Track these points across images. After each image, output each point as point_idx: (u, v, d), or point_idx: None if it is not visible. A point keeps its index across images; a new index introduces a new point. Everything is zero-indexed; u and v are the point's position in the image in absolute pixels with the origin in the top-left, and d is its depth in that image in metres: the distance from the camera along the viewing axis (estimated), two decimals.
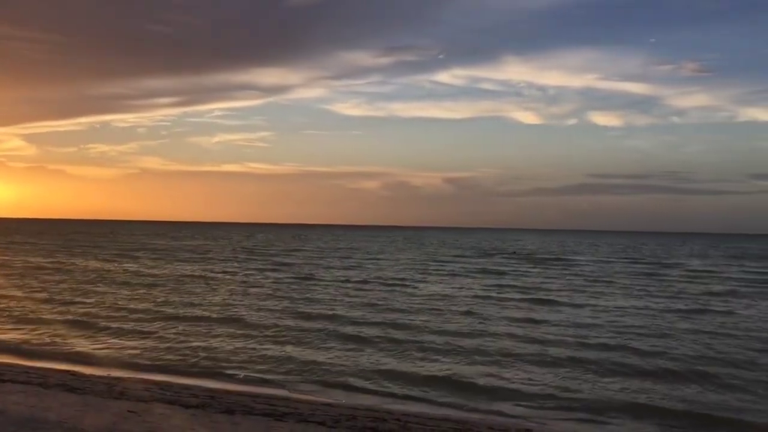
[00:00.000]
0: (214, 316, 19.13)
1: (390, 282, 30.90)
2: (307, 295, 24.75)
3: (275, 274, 34.06)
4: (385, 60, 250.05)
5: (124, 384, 10.57)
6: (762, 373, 13.13)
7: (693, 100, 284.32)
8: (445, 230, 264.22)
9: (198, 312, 19.86)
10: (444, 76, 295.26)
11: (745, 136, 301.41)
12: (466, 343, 15.56)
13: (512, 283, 32.36)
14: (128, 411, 8.26)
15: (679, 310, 22.52)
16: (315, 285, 28.82)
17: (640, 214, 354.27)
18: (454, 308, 21.80)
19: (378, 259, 50.18)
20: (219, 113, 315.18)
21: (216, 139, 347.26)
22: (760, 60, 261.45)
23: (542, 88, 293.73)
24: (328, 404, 10.16)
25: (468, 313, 20.80)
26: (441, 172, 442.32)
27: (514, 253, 68.41)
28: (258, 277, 32.69)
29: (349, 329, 17.21)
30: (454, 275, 36.36)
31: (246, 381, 11.93)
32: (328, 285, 28.85)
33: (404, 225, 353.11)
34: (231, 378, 12.15)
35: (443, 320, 19.20)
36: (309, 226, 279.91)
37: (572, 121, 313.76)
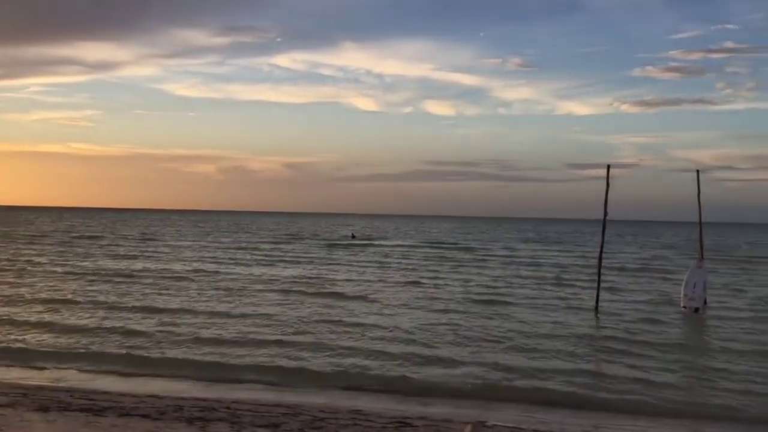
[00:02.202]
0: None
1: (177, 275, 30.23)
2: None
3: None
4: (222, 40, 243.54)
5: None
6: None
7: (518, 92, 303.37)
8: (284, 215, 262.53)
9: None
10: (283, 60, 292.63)
11: (564, 128, 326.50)
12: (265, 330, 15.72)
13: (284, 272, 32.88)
14: None
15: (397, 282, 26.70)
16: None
17: (470, 199, 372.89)
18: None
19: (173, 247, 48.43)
20: (37, 89, 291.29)
21: (34, 116, 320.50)
22: (576, 57, 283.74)
23: (379, 76, 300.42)
24: (154, 396, 9.78)
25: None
26: (280, 156, 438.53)
27: (354, 236, 69.67)
28: None
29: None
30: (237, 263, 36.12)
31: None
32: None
33: (242, 210, 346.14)
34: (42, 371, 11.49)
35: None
36: (140, 211, 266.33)
37: (408, 109, 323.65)
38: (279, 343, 13.97)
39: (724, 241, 78.61)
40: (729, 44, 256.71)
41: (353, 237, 69.05)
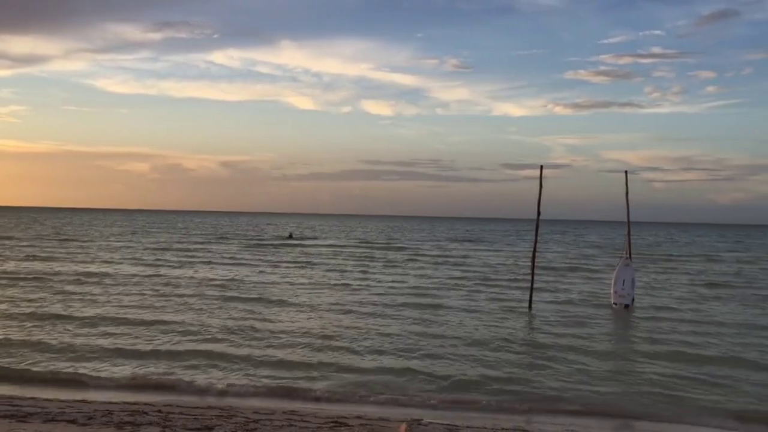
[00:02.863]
0: None
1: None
2: None
3: None
4: (156, 35, 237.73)
5: None
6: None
7: (455, 93, 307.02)
8: (221, 214, 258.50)
9: None
10: (219, 57, 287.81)
11: (499, 128, 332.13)
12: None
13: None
14: None
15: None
16: None
17: (408, 199, 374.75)
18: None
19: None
20: None
21: None
22: (511, 60, 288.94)
23: (318, 75, 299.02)
24: (82, 401, 9.47)
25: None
26: (216, 155, 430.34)
27: (291, 236, 69.11)
28: None
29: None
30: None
31: None
32: None
33: (178, 209, 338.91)
34: None
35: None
36: (68, 210, 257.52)
37: (347, 109, 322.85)
38: (156, 354, 12.83)
39: (652, 239, 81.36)
40: (656, 50, 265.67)
41: (291, 237, 68.54)
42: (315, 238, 69.13)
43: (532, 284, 20.74)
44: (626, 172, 21.50)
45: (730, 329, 17.09)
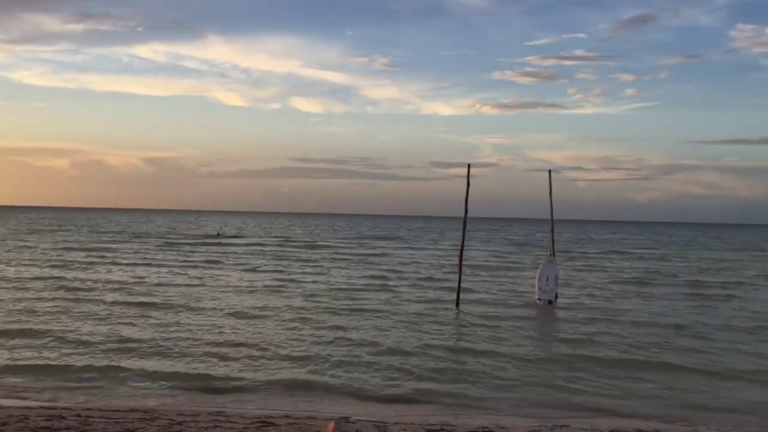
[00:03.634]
0: None
1: None
2: None
3: None
4: (76, 27, 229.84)
5: None
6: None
7: (384, 92, 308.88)
8: (145, 212, 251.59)
9: None
10: (143, 51, 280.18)
11: (428, 127, 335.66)
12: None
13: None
14: None
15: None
16: None
17: (338, 197, 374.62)
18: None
19: None
20: None
21: None
22: (440, 59, 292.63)
23: (246, 71, 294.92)
24: None
25: None
26: (140, 151, 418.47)
27: (219, 235, 67.90)
28: None
29: None
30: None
31: None
32: None
33: (99, 207, 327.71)
34: None
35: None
36: None
37: (276, 106, 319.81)
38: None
39: (573, 236, 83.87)
40: (579, 52, 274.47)
41: (219, 235, 67.32)
42: (241, 236, 68.02)
43: (459, 282, 21.01)
44: (550, 171, 22.05)
45: (645, 328, 17.73)
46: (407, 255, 44.61)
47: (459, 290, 20.83)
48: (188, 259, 36.63)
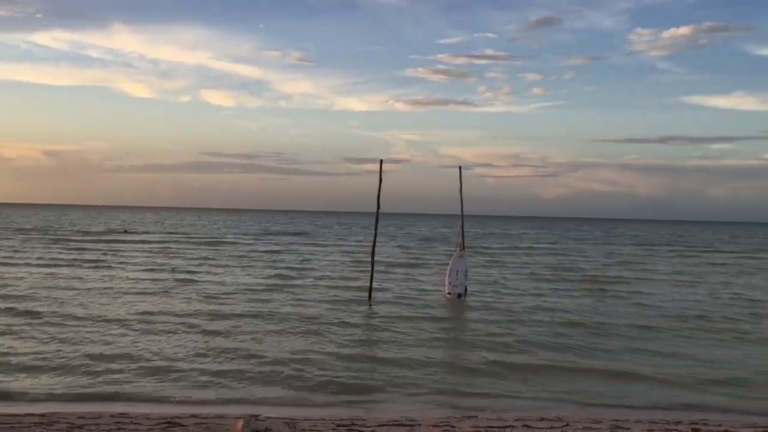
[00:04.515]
0: None
1: None
2: None
3: None
4: None
5: None
6: None
7: (298, 86, 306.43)
8: (44, 207, 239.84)
9: None
10: (43, 38, 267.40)
11: (342, 123, 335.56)
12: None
13: None
14: None
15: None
16: None
17: (250, 192, 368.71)
18: None
19: None
20: None
21: None
22: (354, 55, 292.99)
23: (154, 62, 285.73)
24: None
25: None
26: (40, 143, 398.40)
27: (125, 231, 65.52)
28: None
29: None
30: None
31: None
32: None
33: None
34: None
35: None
36: None
37: (185, 98, 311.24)
38: None
39: (482, 231, 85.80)
40: (489, 51, 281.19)
41: (125, 231, 64.92)
42: (141, 232, 65.18)
43: (371, 278, 21.14)
44: (460, 167, 22.51)
45: (544, 316, 18.36)
46: (314, 251, 43.46)
47: (371, 287, 20.95)
48: (78, 257, 33.54)
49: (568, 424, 8.53)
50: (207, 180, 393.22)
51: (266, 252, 41.91)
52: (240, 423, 7.85)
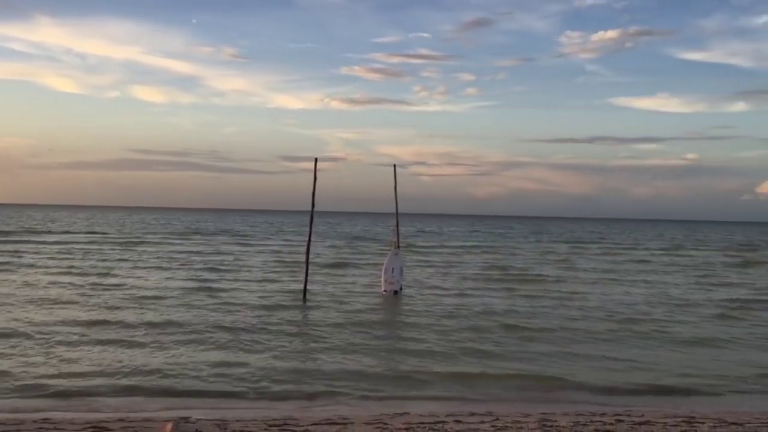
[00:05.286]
0: None
1: None
2: None
3: None
4: None
5: None
6: None
7: (232, 83, 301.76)
8: None
9: None
10: None
11: (277, 120, 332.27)
12: None
13: None
14: None
15: None
16: None
17: (182, 190, 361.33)
18: None
19: None
20: None
21: None
22: (289, 52, 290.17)
23: (81, 56, 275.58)
24: None
25: None
26: None
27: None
28: None
29: None
30: None
31: None
32: None
33: None
34: None
35: None
36: None
37: (114, 94, 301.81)
38: None
39: (415, 229, 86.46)
40: (424, 51, 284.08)
41: (49, 232, 62.51)
42: (65, 231, 61.72)
43: (306, 278, 21.01)
44: (395, 166, 22.64)
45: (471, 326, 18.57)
46: (245, 251, 42.15)
47: (305, 287, 20.84)
48: None
49: (497, 419, 8.70)
50: (137, 178, 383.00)
51: (190, 252, 39.90)
52: (169, 426, 7.70)
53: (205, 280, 25.22)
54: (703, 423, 8.68)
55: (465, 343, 14.48)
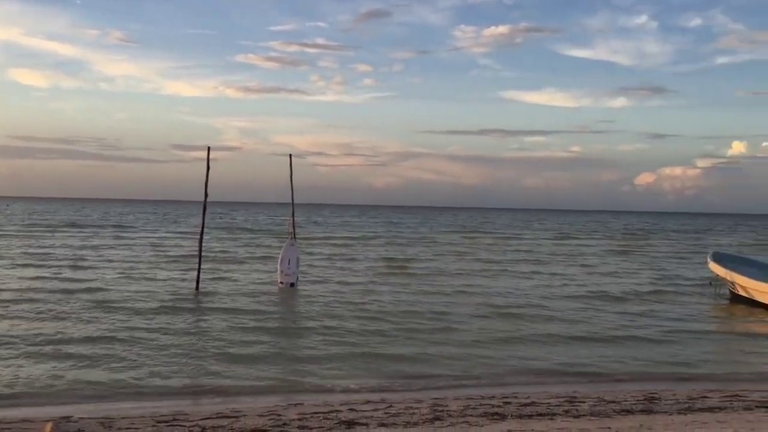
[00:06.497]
0: None
1: None
2: None
3: None
4: None
5: None
6: None
7: (120, 68, 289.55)
8: None
9: None
10: None
11: (169, 108, 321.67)
12: None
13: None
14: None
15: None
16: None
17: (66, 179, 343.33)
18: None
19: None
20: None
21: None
22: (182, 38, 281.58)
23: None
24: None
25: None
26: None
27: None
28: None
29: None
30: None
31: None
32: None
33: None
34: None
35: None
36: None
37: None
38: None
39: (310, 219, 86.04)
40: (321, 41, 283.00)
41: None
42: None
43: (199, 270, 20.51)
44: (290, 155, 22.43)
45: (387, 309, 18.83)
46: (126, 245, 38.93)
47: (199, 275, 20.40)
48: None
49: (391, 405, 8.83)
50: (17, 166, 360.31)
51: (58, 247, 35.60)
52: (49, 426, 7.33)
53: (65, 279, 22.28)
54: (584, 402, 9.15)
55: (358, 334, 14.50)
